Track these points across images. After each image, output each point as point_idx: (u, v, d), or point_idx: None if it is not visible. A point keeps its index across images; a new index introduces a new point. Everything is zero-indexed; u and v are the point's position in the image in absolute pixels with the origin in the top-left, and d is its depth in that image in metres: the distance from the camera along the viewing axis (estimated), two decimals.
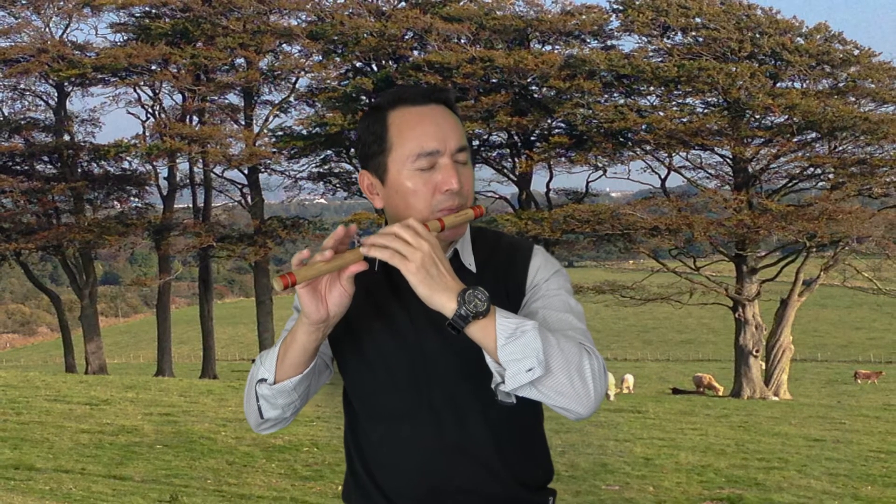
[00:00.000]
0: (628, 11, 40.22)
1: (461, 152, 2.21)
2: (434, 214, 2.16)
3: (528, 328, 2.00)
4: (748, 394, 37.68)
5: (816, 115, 37.01)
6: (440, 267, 2.00)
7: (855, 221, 36.86)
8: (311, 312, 2.05)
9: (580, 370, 2.02)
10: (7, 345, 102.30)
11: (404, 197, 2.19)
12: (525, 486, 2.29)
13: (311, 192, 49.80)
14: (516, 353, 1.98)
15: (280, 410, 2.22)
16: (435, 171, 2.18)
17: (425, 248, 1.99)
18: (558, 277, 2.28)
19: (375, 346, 2.25)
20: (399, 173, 2.19)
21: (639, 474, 12.76)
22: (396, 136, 2.19)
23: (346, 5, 44.75)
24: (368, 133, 2.24)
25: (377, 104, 2.26)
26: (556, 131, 42.42)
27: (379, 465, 2.28)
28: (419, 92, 2.25)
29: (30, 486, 10.51)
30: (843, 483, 12.87)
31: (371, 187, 2.28)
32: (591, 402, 2.03)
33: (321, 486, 11.56)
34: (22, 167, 45.52)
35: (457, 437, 2.22)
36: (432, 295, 1.99)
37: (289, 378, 2.15)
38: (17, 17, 45.12)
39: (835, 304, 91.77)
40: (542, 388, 2.01)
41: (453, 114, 2.26)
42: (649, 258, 43.74)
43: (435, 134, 2.18)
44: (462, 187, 2.19)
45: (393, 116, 2.21)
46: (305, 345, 2.11)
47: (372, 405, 2.29)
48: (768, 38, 38.61)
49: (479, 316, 1.98)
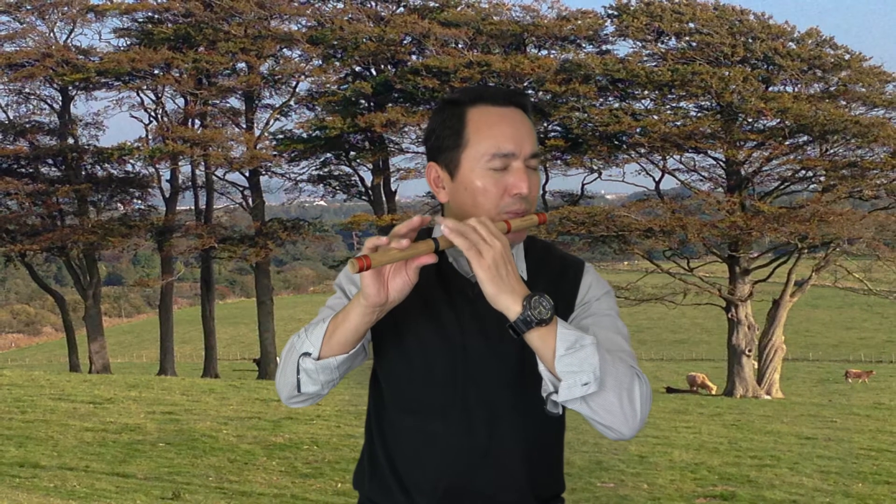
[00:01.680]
0: (623, 17, 40.24)
1: (534, 158, 2.21)
2: (500, 216, 2.14)
3: (587, 343, 1.99)
4: (741, 393, 37.69)
5: (808, 119, 37.02)
6: (510, 268, 1.98)
7: (846, 223, 36.86)
8: (372, 294, 2.02)
9: (630, 392, 2.02)
10: (12, 344, 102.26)
11: (473, 195, 2.17)
12: (539, 498, 2.27)
13: (311, 194, 49.87)
14: (574, 366, 1.98)
15: (319, 387, 2.18)
16: (507, 173, 2.17)
17: (499, 246, 1.97)
18: (609, 298, 2.29)
19: (418, 338, 2.21)
20: (471, 171, 2.17)
21: (633, 472, 12.76)
22: (474, 133, 2.17)
23: (346, 11, 44.78)
24: (444, 127, 2.22)
25: (456, 99, 2.24)
26: (553, 134, 42.41)
27: (402, 457, 2.25)
28: (500, 93, 2.23)
29: (34, 484, 10.50)
30: (834, 480, 12.87)
31: (438, 180, 2.25)
32: (636, 425, 2.04)
33: (321, 483, 11.55)
34: (27, 170, 45.53)
35: (485, 441, 2.20)
36: (499, 294, 1.97)
37: (334, 356, 2.12)
38: (22, 22, 45.12)
39: (826, 304, 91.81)
40: (593, 404, 2.01)
41: (529, 119, 2.25)
42: (644, 259, 43.79)
43: (513, 136, 2.17)
44: (531, 192, 2.19)
45: (472, 113, 2.19)
46: (357, 325, 2.08)
47: (405, 396, 2.25)
48: (761, 43, 38.63)
49: (543, 323, 1.97)
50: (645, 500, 11.21)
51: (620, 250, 43.40)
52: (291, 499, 10.62)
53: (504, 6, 43.93)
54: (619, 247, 42.20)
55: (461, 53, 41.50)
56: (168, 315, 47.67)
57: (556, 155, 42.13)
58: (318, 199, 51.34)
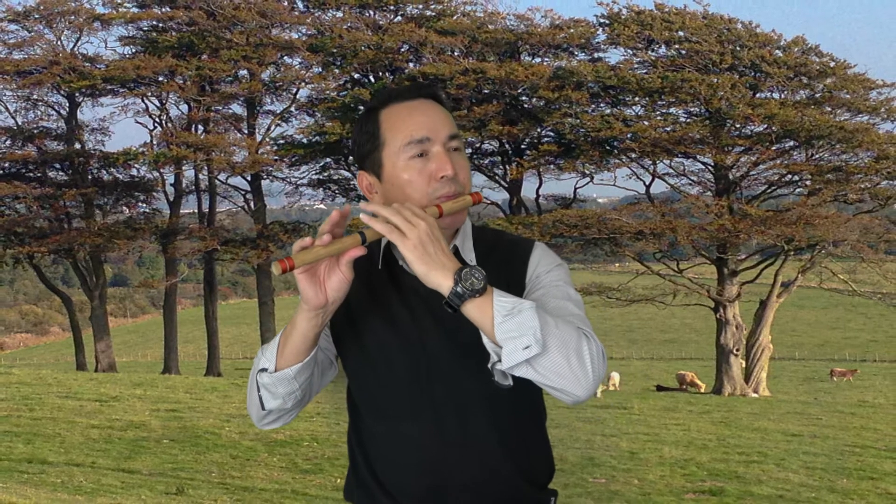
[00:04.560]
0: (614, 25, 40.22)
1: (453, 140, 2.16)
2: (432, 203, 2.10)
3: (525, 307, 1.93)
4: (729, 391, 37.69)
5: (794, 125, 37.03)
6: (438, 245, 1.94)
7: (831, 226, 36.89)
8: (311, 298, 1.99)
9: (578, 351, 1.94)
10: (21, 344, 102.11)
11: (401, 188, 2.14)
12: (528, 482, 2.22)
13: (311, 197, 49.78)
14: (513, 331, 1.90)
15: (281, 400, 2.14)
16: (429, 160, 2.13)
17: (423, 226, 1.93)
18: (559, 270, 2.22)
19: (378, 343, 2.17)
20: (394, 166, 2.15)
21: (624, 468, 12.77)
22: (388, 131, 2.15)
23: (345, 19, 44.74)
24: (362, 133, 2.22)
25: (370, 106, 2.23)
26: (546, 140, 42.38)
27: (382, 463, 2.21)
28: (408, 88, 2.21)
29: (42, 479, 10.49)
30: (819, 476, 12.88)
31: (370, 187, 2.23)
32: (589, 384, 1.95)
33: (321, 479, 11.56)
34: (35, 174, 45.46)
35: (460, 435, 2.15)
36: (429, 272, 1.93)
37: (289, 366, 2.08)
38: (30, 30, 45.08)
39: (811, 304, 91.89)
40: (539, 367, 1.92)
41: (442, 106, 2.21)
42: (634, 261, 43.78)
43: (424, 123, 2.14)
44: (457, 174, 2.14)
45: (384, 114, 2.18)
46: (305, 331, 2.05)
47: (374, 402, 2.22)
48: (748, 51, 38.63)
49: (476, 294, 1.91)
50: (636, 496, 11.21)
51: (612, 252, 43.41)
52: (292, 494, 10.62)
53: (499, 15, 43.93)
54: (610, 249, 42.22)
55: (457, 61, 41.48)
56: (172, 315, 47.64)
57: (550, 160, 42.12)
58: (317, 202, 51.32)
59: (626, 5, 40.34)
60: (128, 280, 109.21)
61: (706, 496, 11.36)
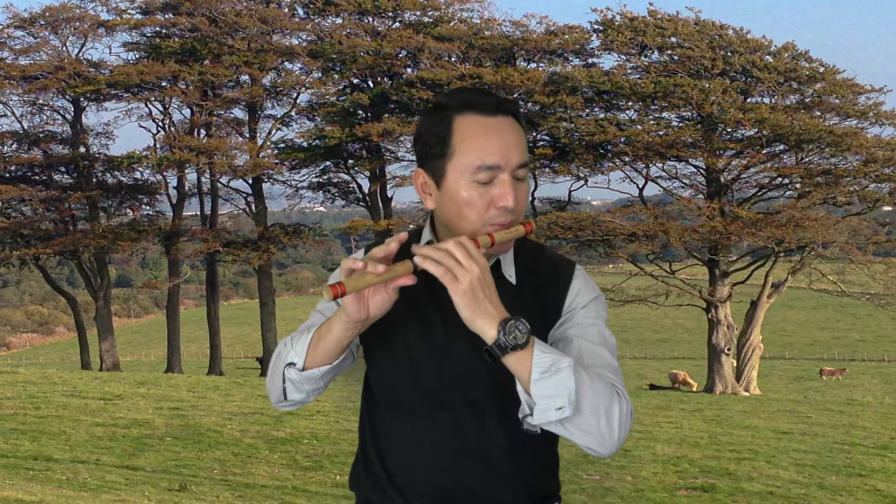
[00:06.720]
0: (608, 31, 40.27)
1: (521, 168, 2.07)
2: (485, 228, 2.03)
3: (563, 366, 1.89)
4: (720, 389, 37.71)
5: (784, 129, 37.08)
6: (487, 292, 1.89)
7: (820, 228, 36.94)
8: (352, 312, 1.95)
9: (608, 412, 1.93)
10: (27, 343, 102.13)
11: (458, 206, 2.05)
12: (534, 497, 2.20)
13: (311, 200, 49.76)
14: (549, 390, 1.89)
15: (304, 395, 2.12)
16: (493, 185, 2.03)
17: (476, 271, 1.87)
18: (597, 304, 2.17)
19: (405, 341, 2.13)
20: (457, 182, 2.04)
21: (618, 465, 12.76)
22: (459, 143, 2.03)
23: (344, 26, 44.75)
24: (431, 134, 2.07)
25: (444, 103, 2.09)
26: (541, 143, 42.43)
27: (394, 458, 2.18)
28: (489, 101, 2.07)
29: (48, 476, 10.49)
30: (809, 473, 12.88)
31: (425, 186, 2.12)
32: (614, 444, 1.95)
33: (321, 475, 11.55)
34: (41, 177, 45.46)
35: (475, 441, 2.11)
36: (475, 319, 1.88)
37: (318, 367, 2.06)
38: (36, 36, 45.10)
39: (801, 305, 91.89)
40: (569, 426, 1.93)
41: (519, 127, 2.11)
42: (628, 262, 43.87)
43: (499, 148, 2.03)
44: (517, 204, 2.06)
45: (458, 122, 2.05)
46: (340, 339, 2.01)
47: (394, 398, 2.17)
48: (739, 57, 38.68)
49: (518, 348, 1.88)
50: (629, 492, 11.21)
51: (606, 254, 43.46)
52: (292, 490, 10.61)
53: (495, 21, 44.00)
54: (604, 250, 42.28)
55: (454, 66, 41.51)
56: (175, 315, 47.63)
57: (545, 163, 42.15)
58: (317, 205, 51.19)
59: (620, 12, 40.41)
60: (132, 281, 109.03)
61: (698, 493, 11.35)
